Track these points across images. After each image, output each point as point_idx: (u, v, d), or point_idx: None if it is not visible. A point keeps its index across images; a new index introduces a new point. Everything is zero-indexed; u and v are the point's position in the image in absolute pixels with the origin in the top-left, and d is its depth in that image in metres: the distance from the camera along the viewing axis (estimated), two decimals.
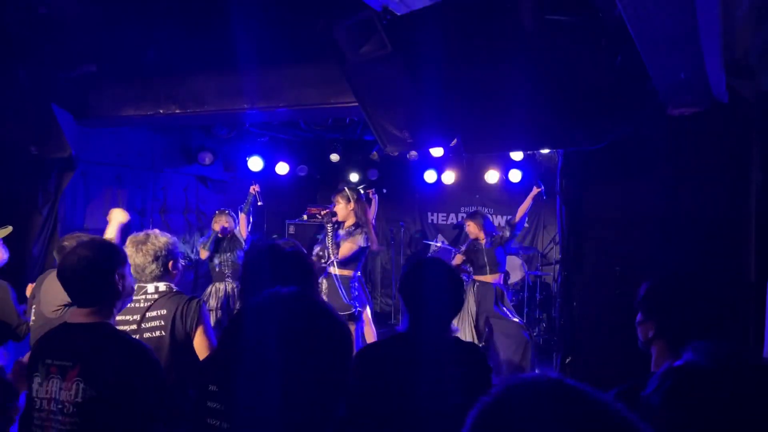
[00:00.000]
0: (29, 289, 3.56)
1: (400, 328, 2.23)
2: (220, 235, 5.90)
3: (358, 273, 5.30)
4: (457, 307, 2.25)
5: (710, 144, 3.62)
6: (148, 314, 2.64)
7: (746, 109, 3.40)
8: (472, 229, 6.05)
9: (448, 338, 2.19)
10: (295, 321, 1.08)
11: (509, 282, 7.54)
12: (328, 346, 1.09)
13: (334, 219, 5.19)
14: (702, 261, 3.56)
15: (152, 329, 2.61)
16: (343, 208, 5.17)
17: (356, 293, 5.17)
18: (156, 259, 2.70)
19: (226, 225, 5.93)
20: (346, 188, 5.26)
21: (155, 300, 2.68)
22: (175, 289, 2.77)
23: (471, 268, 6.19)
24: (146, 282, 2.74)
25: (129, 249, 2.70)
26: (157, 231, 2.81)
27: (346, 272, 5.13)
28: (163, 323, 2.61)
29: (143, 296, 2.69)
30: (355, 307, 5.10)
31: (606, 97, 3.62)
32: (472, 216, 6.14)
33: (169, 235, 2.82)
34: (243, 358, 1.05)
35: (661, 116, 3.46)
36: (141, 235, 2.77)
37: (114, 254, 2.09)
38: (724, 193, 3.58)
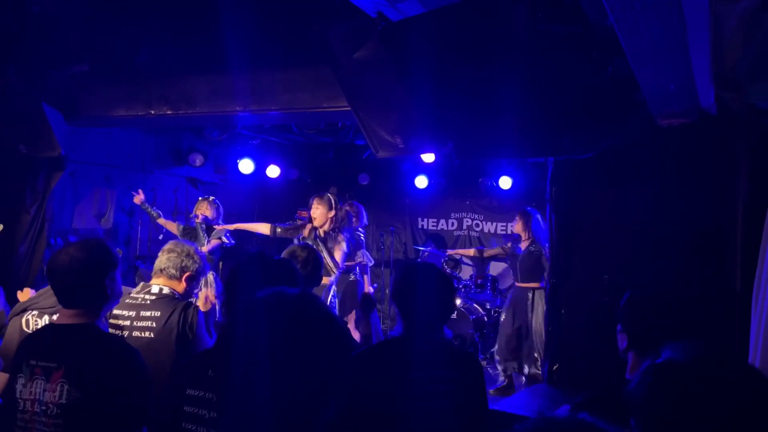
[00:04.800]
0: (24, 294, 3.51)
1: (394, 333, 2.26)
2: (203, 225, 5.68)
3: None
4: (448, 310, 2.27)
5: (698, 155, 3.66)
6: (142, 313, 2.65)
7: (734, 121, 3.44)
8: (517, 227, 5.96)
9: (442, 342, 2.22)
10: (297, 320, 1.08)
11: (498, 288, 7.56)
12: (327, 347, 1.10)
13: (309, 226, 5.08)
14: (689, 270, 3.59)
15: (142, 329, 2.61)
16: (323, 213, 4.99)
17: (334, 300, 5.09)
18: (180, 260, 2.78)
19: (208, 214, 5.71)
20: (329, 194, 5.14)
21: (152, 301, 2.69)
22: (177, 296, 2.77)
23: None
24: (155, 280, 2.79)
25: (167, 247, 2.84)
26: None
27: (323, 280, 5.07)
28: (153, 325, 2.61)
29: (145, 294, 2.71)
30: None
31: (596, 106, 3.66)
32: (522, 213, 5.96)
33: (204, 263, 2.93)
34: (241, 354, 1.05)
35: (650, 127, 3.50)
36: (187, 246, 2.89)
37: (107, 257, 2.06)
38: (712, 203, 3.62)
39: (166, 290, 2.75)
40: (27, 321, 2.77)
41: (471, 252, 7.36)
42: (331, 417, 1.93)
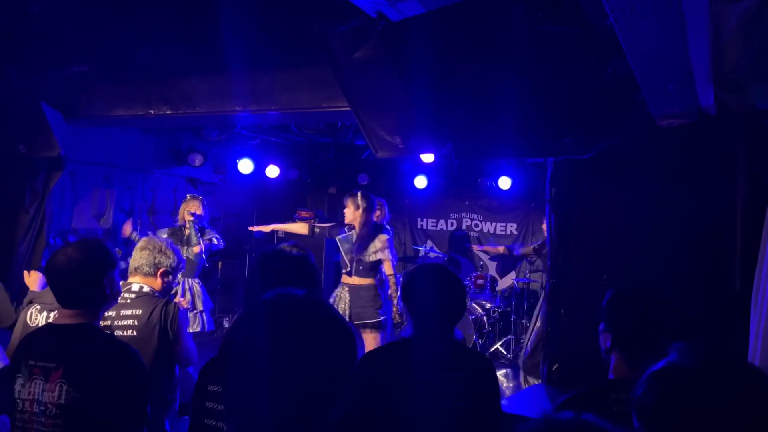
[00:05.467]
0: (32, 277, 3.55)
1: (405, 333, 2.26)
2: (197, 224, 5.39)
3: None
4: (460, 311, 2.27)
5: (698, 155, 3.66)
6: (122, 312, 2.66)
7: (733, 121, 3.45)
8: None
9: (452, 342, 2.22)
10: (303, 322, 1.08)
11: (497, 289, 7.56)
12: (334, 349, 1.10)
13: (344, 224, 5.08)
14: (688, 269, 3.60)
15: (124, 327, 2.63)
16: (350, 212, 5.07)
17: (382, 301, 5.08)
18: (153, 257, 2.81)
19: (200, 213, 5.44)
20: (359, 193, 5.11)
21: (132, 299, 2.71)
22: (156, 293, 2.80)
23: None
24: (131, 279, 2.80)
25: (139, 245, 2.88)
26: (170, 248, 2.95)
27: (369, 281, 5.01)
28: (135, 323, 2.62)
29: (125, 293, 2.73)
30: (385, 316, 5.01)
31: (596, 106, 3.66)
32: None
33: (178, 258, 2.94)
34: (247, 356, 1.05)
35: (649, 127, 3.50)
36: (159, 241, 2.91)
37: (105, 257, 2.06)
38: (711, 204, 3.62)
39: (146, 288, 2.77)
40: (30, 314, 2.80)
41: (500, 250, 7.36)
42: (339, 417, 1.94)
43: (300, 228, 5.77)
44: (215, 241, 5.54)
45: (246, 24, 3.64)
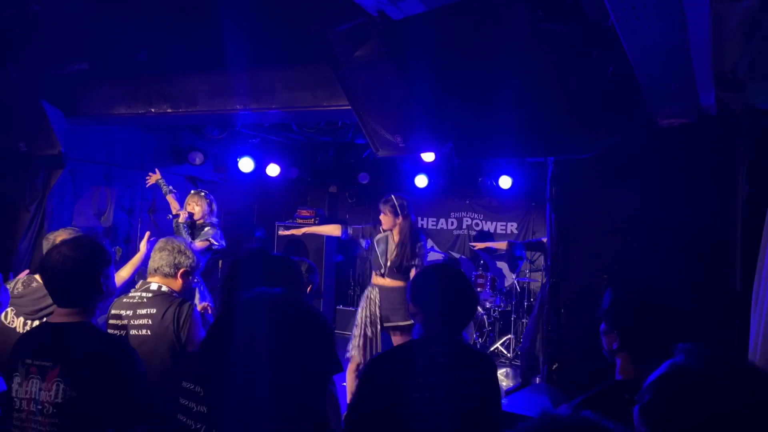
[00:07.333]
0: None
1: (415, 335, 2.25)
2: (185, 223, 5.30)
3: None
4: (471, 312, 2.26)
5: (698, 155, 3.65)
6: (138, 311, 2.65)
7: (734, 121, 3.44)
8: None
9: (462, 343, 2.22)
10: (283, 320, 1.08)
11: (497, 287, 7.56)
12: (314, 347, 1.10)
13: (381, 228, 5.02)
14: (688, 269, 3.59)
15: (139, 327, 2.63)
16: (389, 220, 4.95)
17: None
18: (173, 257, 2.81)
19: (195, 211, 5.34)
20: (393, 197, 4.95)
21: (148, 298, 2.69)
22: (174, 294, 2.79)
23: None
24: (152, 279, 2.80)
25: (158, 245, 2.86)
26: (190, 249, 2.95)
27: (401, 283, 4.91)
28: (150, 322, 2.62)
29: (143, 293, 2.72)
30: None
31: (596, 106, 3.66)
32: None
33: (197, 257, 2.94)
34: (228, 355, 1.05)
35: (650, 127, 3.50)
36: (178, 242, 2.90)
37: (100, 254, 2.05)
38: (711, 203, 3.61)
39: (164, 288, 2.77)
40: (6, 313, 2.79)
41: (503, 245, 7.36)
42: (352, 418, 1.94)
43: (332, 230, 5.71)
44: (214, 242, 5.32)
45: (246, 22, 3.64)
